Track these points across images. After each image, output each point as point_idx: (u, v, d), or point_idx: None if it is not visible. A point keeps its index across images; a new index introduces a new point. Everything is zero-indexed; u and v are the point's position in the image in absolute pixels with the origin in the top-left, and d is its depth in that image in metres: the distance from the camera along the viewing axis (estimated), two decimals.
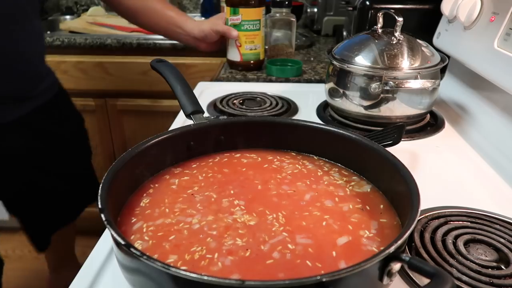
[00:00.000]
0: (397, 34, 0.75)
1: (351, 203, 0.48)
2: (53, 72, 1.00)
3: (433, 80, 0.73)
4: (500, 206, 0.56)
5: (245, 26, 1.06)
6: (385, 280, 0.34)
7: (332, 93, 0.81)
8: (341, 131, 0.55)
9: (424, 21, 1.01)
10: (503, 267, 0.45)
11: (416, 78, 0.73)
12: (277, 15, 1.19)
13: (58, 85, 1.01)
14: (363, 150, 0.52)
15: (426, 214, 0.52)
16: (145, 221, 0.44)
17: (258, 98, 0.92)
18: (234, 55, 1.09)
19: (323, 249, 0.40)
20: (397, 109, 0.75)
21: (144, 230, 0.43)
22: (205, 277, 0.30)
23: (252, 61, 1.11)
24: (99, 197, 0.39)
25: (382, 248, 0.36)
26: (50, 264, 1.24)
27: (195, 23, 1.05)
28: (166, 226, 0.44)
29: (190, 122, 0.57)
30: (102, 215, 0.36)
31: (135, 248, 0.33)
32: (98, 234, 0.52)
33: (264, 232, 0.42)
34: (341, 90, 0.78)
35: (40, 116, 0.90)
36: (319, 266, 0.38)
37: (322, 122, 0.71)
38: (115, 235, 0.34)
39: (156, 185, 0.51)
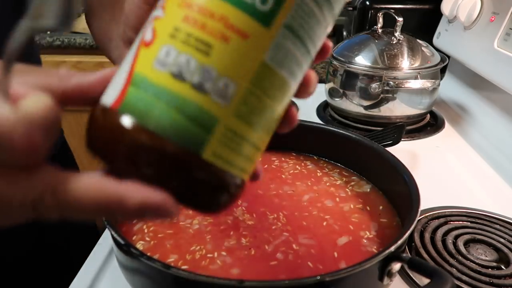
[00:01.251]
0: (397, 34, 0.75)
1: (352, 203, 0.48)
2: None
3: (433, 80, 0.73)
4: (500, 206, 0.56)
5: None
6: (385, 280, 0.35)
7: (332, 93, 0.81)
8: (341, 131, 0.55)
9: (424, 21, 1.01)
10: (503, 267, 0.45)
11: (416, 78, 0.73)
12: None
13: (61, 140, 0.71)
14: (363, 150, 0.52)
15: (426, 214, 0.52)
16: (147, 221, 0.44)
17: None
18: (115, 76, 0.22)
19: (324, 250, 0.40)
20: (397, 109, 0.75)
21: (145, 230, 0.43)
22: (205, 277, 0.30)
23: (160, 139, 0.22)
24: None
25: (381, 248, 0.36)
26: None
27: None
28: (167, 226, 0.44)
29: None
30: None
31: (135, 248, 0.33)
32: (98, 234, 0.52)
33: (266, 232, 0.42)
34: (341, 90, 0.78)
35: None
36: (320, 268, 0.38)
37: (322, 122, 0.71)
38: (115, 235, 0.34)
39: None
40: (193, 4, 0.19)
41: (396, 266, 0.34)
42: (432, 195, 0.55)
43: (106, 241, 0.50)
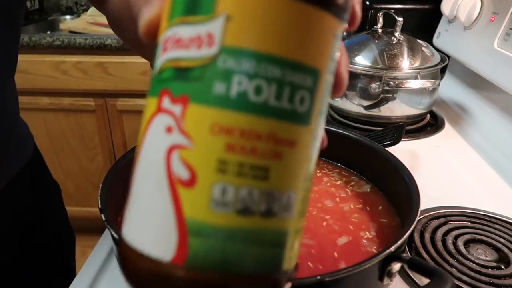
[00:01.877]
0: (397, 34, 0.75)
1: (351, 203, 0.48)
2: (27, 126, 0.69)
3: (433, 80, 0.73)
4: (500, 206, 0.56)
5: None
6: (385, 280, 0.35)
7: None
8: (341, 131, 0.55)
9: (424, 21, 1.02)
10: (503, 267, 0.45)
11: (416, 78, 0.73)
12: None
13: (33, 147, 0.70)
14: (363, 150, 0.52)
15: (426, 214, 0.52)
16: None
17: None
18: (152, 228, 0.18)
19: (324, 250, 0.40)
20: (397, 109, 0.75)
21: None
22: None
23: (233, 275, 0.17)
24: (99, 197, 0.39)
25: (381, 248, 0.36)
26: None
27: None
28: None
29: None
30: (102, 215, 0.36)
31: None
32: (98, 234, 0.52)
33: None
34: None
35: (11, 194, 0.60)
36: (320, 268, 0.38)
37: None
38: (115, 235, 0.34)
39: None
40: (233, 128, 0.16)
41: (396, 266, 0.34)
42: (432, 195, 0.55)
43: (106, 241, 0.50)
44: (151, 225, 0.17)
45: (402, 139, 0.56)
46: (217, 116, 0.16)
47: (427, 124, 0.82)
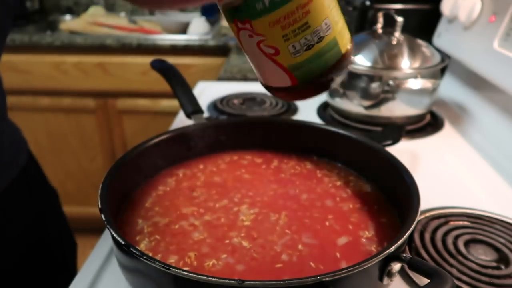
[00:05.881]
0: (397, 34, 0.75)
1: (351, 203, 0.48)
2: (20, 131, 0.66)
3: (433, 80, 0.73)
4: (500, 206, 0.56)
5: None
6: (385, 280, 0.35)
7: (332, 93, 0.81)
8: (341, 131, 0.55)
9: (424, 21, 1.01)
10: (503, 267, 0.45)
11: (416, 78, 0.73)
12: None
13: (28, 153, 0.66)
14: (363, 150, 0.52)
15: (426, 214, 0.53)
16: (148, 221, 0.44)
17: (258, 98, 0.92)
18: (274, 76, 0.34)
19: (325, 250, 0.40)
20: (397, 109, 0.75)
21: (148, 230, 0.43)
22: (205, 277, 0.30)
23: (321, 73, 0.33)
24: (99, 197, 0.39)
25: (381, 248, 0.36)
26: None
27: None
28: (169, 226, 0.44)
29: (190, 122, 0.57)
30: (102, 215, 0.36)
31: (135, 248, 0.33)
32: (98, 234, 0.52)
33: (268, 233, 0.42)
34: (341, 90, 0.78)
35: (7, 202, 0.58)
36: (322, 268, 0.38)
37: (322, 122, 0.71)
38: (115, 235, 0.34)
39: (158, 186, 0.51)
40: (279, 18, 0.29)
41: (396, 266, 0.34)
42: (432, 195, 0.55)
43: (106, 241, 0.50)
44: (275, 76, 0.33)
45: (402, 139, 0.56)
46: (268, 17, 0.29)
47: (427, 124, 0.82)
